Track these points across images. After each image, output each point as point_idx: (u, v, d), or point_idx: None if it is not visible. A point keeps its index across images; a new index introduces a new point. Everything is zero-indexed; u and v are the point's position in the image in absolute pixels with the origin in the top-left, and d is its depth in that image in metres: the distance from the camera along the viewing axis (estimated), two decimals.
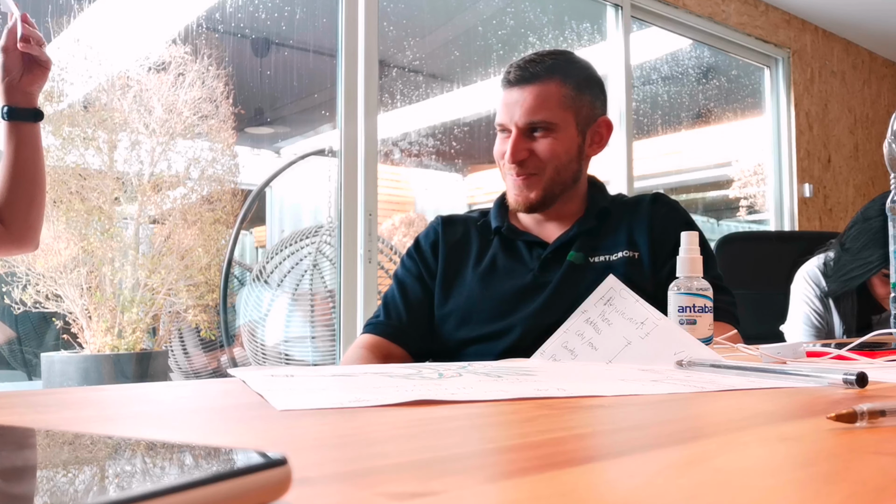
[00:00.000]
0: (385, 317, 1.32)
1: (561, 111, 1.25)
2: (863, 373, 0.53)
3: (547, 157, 1.25)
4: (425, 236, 1.38)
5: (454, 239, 1.35)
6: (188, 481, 0.20)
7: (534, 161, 1.25)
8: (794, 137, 4.30)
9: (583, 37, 3.69)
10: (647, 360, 0.77)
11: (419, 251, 1.36)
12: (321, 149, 3.15)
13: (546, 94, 1.24)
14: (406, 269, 1.37)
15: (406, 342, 1.30)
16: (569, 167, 1.28)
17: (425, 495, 0.25)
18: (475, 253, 1.32)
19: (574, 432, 0.40)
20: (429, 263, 1.34)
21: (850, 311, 1.70)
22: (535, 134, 1.25)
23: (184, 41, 2.88)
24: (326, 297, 2.93)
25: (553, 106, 1.24)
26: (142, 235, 2.90)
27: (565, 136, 1.26)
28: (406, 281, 1.35)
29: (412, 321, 1.31)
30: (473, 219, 1.38)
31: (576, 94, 1.27)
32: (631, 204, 1.33)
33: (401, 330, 1.30)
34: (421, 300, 1.32)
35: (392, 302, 1.34)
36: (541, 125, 1.24)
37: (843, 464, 0.31)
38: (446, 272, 1.32)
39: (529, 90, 1.24)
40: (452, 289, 1.31)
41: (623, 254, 1.26)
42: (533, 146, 1.25)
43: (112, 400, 0.52)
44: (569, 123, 1.26)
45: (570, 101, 1.26)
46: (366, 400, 0.48)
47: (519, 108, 1.24)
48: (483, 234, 1.34)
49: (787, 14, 4.33)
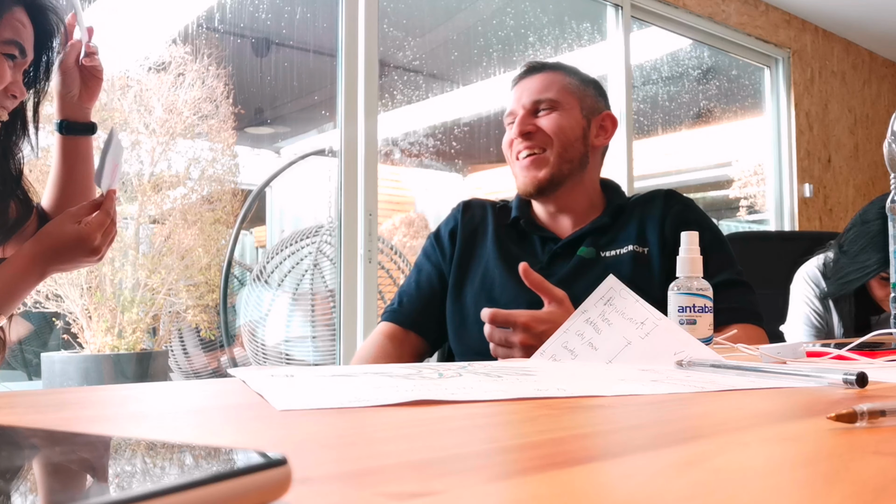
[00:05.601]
0: (399, 304, 1.35)
1: (565, 94, 1.32)
2: (863, 373, 0.53)
3: (553, 130, 1.30)
4: (445, 224, 1.42)
5: (472, 224, 1.38)
6: (188, 481, 0.20)
7: (540, 136, 1.30)
8: (794, 137, 4.30)
9: (583, 37, 3.68)
10: (647, 360, 0.77)
11: (438, 239, 1.40)
12: (321, 149, 3.15)
13: (552, 78, 1.33)
14: (425, 257, 1.40)
15: (421, 329, 1.33)
16: (575, 146, 1.31)
17: (425, 495, 0.25)
18: (491, 236, 1.35)
19: (574, 432, 0.40)
20: (446, 251, 1.37)
21: (848, 312, 1.69)
22: (539, 113, 1.31)
23: (184, 41, 2.88)
24: (327, 297, 2.93)
25: (558, 88, 1.32)
26: (142, 235, 2.90)
27: (569, 115, 1.31)
28: (423, 269, 1.38)
29: (427, 309, 1.33)
30: (493, 203, 1.42)
31: (580, 85, 1.34)
32: (644, 200, 1.35)
33: (415, 317, 1.33)
34: (436, 289, 1.35)
35: (407, 290, 1.37)
36: (545, 102, 1.31)
37: (843, 464, 0.31)
38: (462, 255, 1.35)
39: (537, 77, 1.33)
40: (469, 269, 1.33)
41: (631, 248, 1.27)
42: (538, 122, 1.31)
43: (112, 400, 0.52)
44: (573, 106, 1.32)
45: (575, 88, 1.33)
46: (366, 400, 0.48)
47: (526, 93, 1.32)
48: (500, 220, 1.37)
49: (787, 14, 4.33)
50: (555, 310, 1.03)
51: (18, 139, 1.14)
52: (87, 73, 1.16)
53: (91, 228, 1.07)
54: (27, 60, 1.06)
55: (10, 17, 1.03)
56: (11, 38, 1.03)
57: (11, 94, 1.04)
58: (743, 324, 1.20)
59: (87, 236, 1.06)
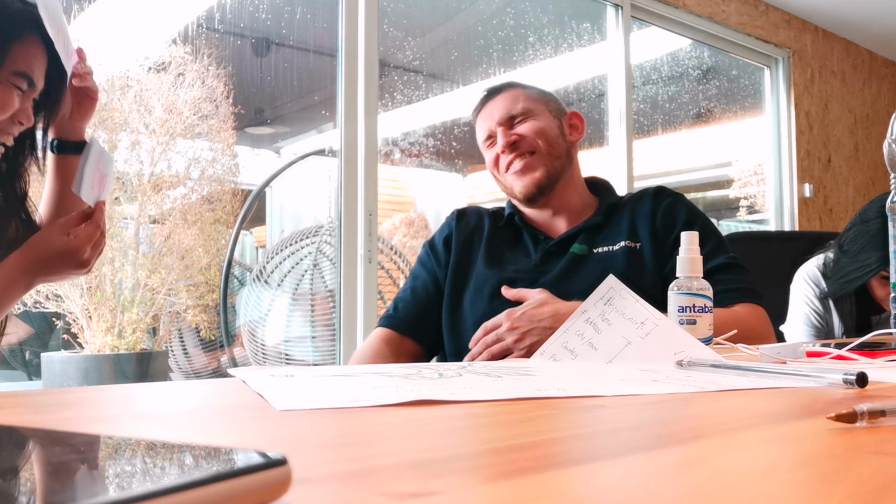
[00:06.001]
0: (395, 310, 1.37)
1: (532, 102, 1.38)
2: (863, 373, 0.53)
3: (534, 133, 1.34)
4: (440, 232, 1.44)
5: (467, 231, 1.41)
6: (188, 481, 0.20)
7: (525, 141, 1.34)
8: (794, 137, 4.30)
9: (583, 37, 3.68)
10: (647, 360, 0.77)
11: (433, 247, 1.42)
12: (321, 149, 3.15)
13: (514, 94, 1.39)
14: (420, 264, 1.43)
15: (416, 335, 1.34)
16: (558, 143, 1.36)
17: (425, 495, 0.26)
18: (485, 239, 1.38)
19: (574, 432, 0.40)
20: (440, 259, 1.39)
21: (848, 312, 1.69)
22: (516, 124, 1.36)
23: (184, 41, 2.88)
24: (326, 297, 2.93)
25: (523, 99, 1.38)
26: (142, 235, 2.90)
27: (543, 117, 1.37)
28: (419, 276, 1.40)
29: (423, 315, 1.35)
30: (487, 210, 1.45)
31: (539, 93, 1.41)
32: (635, 197, 1.38)
33: (410, 323, 1.34)
34: (432, 295, 1.37)
35: (403, 296, 1.39)
36: (519, 114, 1.36)
37: (843, 464, 0.31)
38: (459, 263, 1.37)
39: (499, 98, 1.39)
40: (467, 276, 1.35)
41: (624, 244, 1.29)
42: (518, 130, 1.35)
43: (112, 400, 0.52)
44: (542, 111, 1.38)
45: (537, 96, 1.39)
46: (366, 400, 0.48)
47: (496, 111, 1.37)
48: (494, 222, 1.40)
49: (787, 14, 4.33)
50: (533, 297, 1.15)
51: (26, 160, 1.12)
52: (80, 94, 1.14)
53: (80, 241, 1.05)
54: (37, 89, 1.05)
55: (22, 47, 1.01)
56: (22, 70, 1.01)
57: (18, 120, 1.03)
58: (744, 303, 1.23)
59: (75, 249, 1.05)
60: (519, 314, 1.11)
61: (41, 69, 1.05)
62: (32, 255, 1.04)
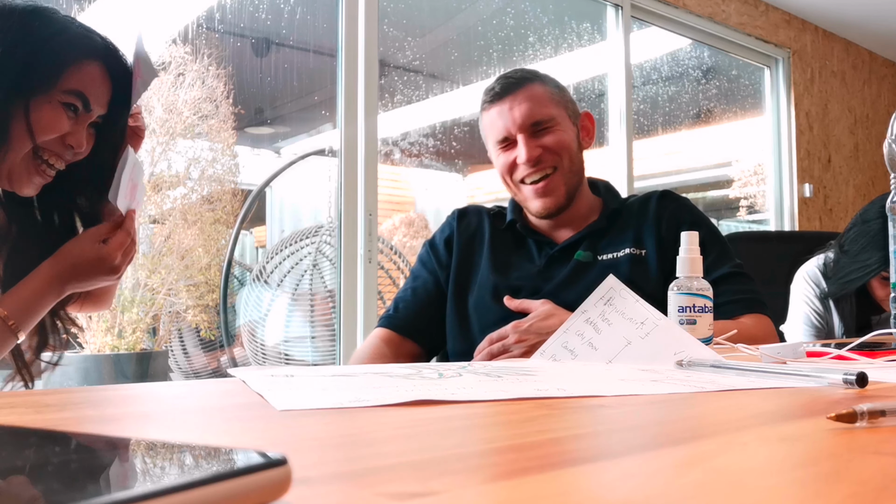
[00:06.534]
0: (395, 311, 1.36)
1: (554, 106, 1.29)
2: (863, 373, 0.53)
3: (559, 148, 1.27)
4: (441, 232, 1.42)
5: (469, 231, 1.38)
6: (188, 481, 0.20)
7: (548, 156, 1.27)
8: (794, 137, 4.30)
9: (583, 37, 3.68)
10: (647, 360, 0.77)
11: (434, 247, 1.40)
12: (321, 149, 3.15)
13: (536, 93, 1.28)
14: (421, 264, 1.40)
15: (416, 335, 1.33)
16: (578, 157, 1.32)
17: (425, 495, 0.25)
18: (488, 243, 1.35)
19: (574, 432, 0.40)
20: (441, 259, 1.37)
21: (848, 312, 1.69)
22: (539, 132, 1.28)
23: (184, 41, 2.87)
24: (326, 297, 2.93)
25: (547, 103, 1.28)
26: (142, 235, 2.90)
27: (566, 127, 1.30)
28: (419, 276, 1.38)
29: (423, 315, 1.34)
30: (487, 210, 1.41)
31: (558, 92, 1.32)
32: (639, 202, 1.35)
33: (410, 324, 1.33)
34: (432, 296, 1.35)
35: (403, 297, 1.37)
36: (544, 121, 1.27)
37: (843, 464, 0.31)
38: (461, 264, 1.35)
39: (520, 95, 1.28)
40: (470, 278, 1.34)
41: (628, 251, 1.27)
42: (542, 142, 1.27)
43: (112, 400, 0.52)
44: (564, 117, 1.30)
45: (557, 96, 1.31)
46: (366, 400, 0.48)
47: (517, 113, 1.27)
48: (496, 225, 1.37)
49: (787, 14, 4.33)
50: (537, 308, 1.14)
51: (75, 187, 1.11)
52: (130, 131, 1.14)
53: (112, 248, 1.06)
54: (92, 114, 1.03)
55: (79, 68, 1.00)
56: (76, 88, 0.99)
57: (69, 144, 1.01)
58: (750, 314, 1.22)
59: (107, 256, 1.06)
60: (525, 327, 1.10)
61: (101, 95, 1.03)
62: (65, 263, 1.04)
